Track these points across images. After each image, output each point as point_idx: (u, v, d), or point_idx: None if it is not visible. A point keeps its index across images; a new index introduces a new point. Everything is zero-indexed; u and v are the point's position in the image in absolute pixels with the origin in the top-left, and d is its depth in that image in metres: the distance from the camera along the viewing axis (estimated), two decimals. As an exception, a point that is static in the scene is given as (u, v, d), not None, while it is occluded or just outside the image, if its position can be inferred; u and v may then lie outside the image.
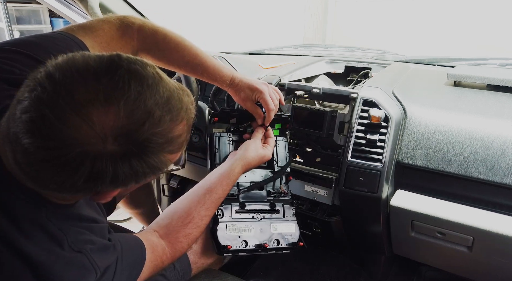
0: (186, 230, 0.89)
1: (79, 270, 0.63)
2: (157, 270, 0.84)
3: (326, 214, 1.26)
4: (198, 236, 0.92)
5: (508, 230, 0.95)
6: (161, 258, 0.84)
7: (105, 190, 0.57)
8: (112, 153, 0.51)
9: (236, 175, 1.00)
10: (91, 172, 0.51)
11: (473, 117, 1.06)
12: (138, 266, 0.78)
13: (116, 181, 0.54)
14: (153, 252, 0.82)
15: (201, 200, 0.93)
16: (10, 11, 4.26)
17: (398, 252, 1.29)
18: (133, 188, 0.66)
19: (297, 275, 1.60)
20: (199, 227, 0.91)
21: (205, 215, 0.92)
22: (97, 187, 0.54)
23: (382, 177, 1.08)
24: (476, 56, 1.61)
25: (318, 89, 1.25)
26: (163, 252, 0.85)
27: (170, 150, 0.57)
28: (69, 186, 0.53)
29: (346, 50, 2.02)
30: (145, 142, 0.53)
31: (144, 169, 0.55)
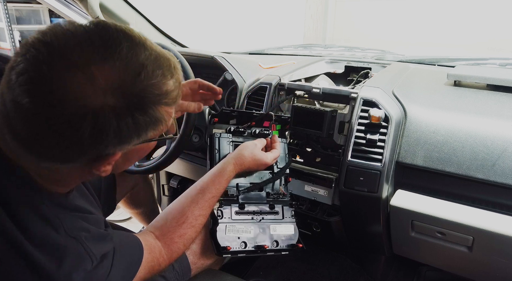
0: (180, 230, 0.88)
1: (75, 258, 0.62)
2: (154, 272, 0.84)
3: (326, 214, 1.26)
4: (194, 237, 0.92)
5: (508, 230, 0.95)
6: (158, 260, 0.84)
7: (108, 151, 0.57)
8: (113, 106, 0.53)
9: (228, 174, 0.99)
10: (94, 128, 0.52)
11: (473, 117, 1.06)
12: (135, 264, 0.77)
13: (120, 136, 0.55)
14: (150, 253, 0.82)
15: (194, 200, 0.93)
16: (10, 11, 4.26)
17: (398, 252, 1.29)
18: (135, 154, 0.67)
19: (297, 275, 1.60)
20: (194, 227, 0.91)
21: (200, 215, 0.92)
22: (101, 144, 0.55)
23: (382, 177, 1.08)
24: (476, 56, 1.61)
25: (318, 89, 1.25)
26: (159, 254, 0.84)
27: (166, 102, 0.59)
28: (74, 147, 0.53)
29: (346, 50, 2.02)
30: (142, 93, 0.55)
31: (145, 120, 0.57)
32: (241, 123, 1.15)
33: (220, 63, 1.48)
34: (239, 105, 1.42)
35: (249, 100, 1.38)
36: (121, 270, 0.72)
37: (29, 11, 4.54)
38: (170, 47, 1.34)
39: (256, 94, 1.36)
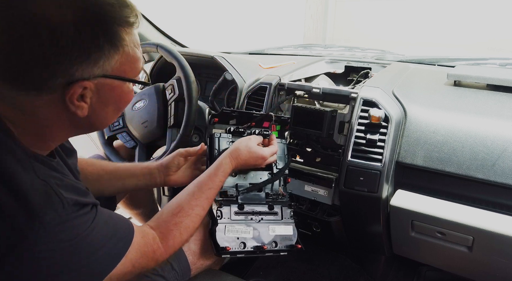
0: (175, 219, 0.87)
1: (43, 197, 0.60)
2: (149, 261, 0.80)
3: (326, 214, 1.26)
4: (191, 226, 0.89)
5: (508, 230, 0.95)
6: (152, 246, 0.81)
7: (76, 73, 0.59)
8: (72, 20, 0.57)
9: (224, 167, 0.98)
10: (53, 39, 0.56)
11: (473, 117, 1.06)
12: (123, 239, 0.73)
13: (82, 51, 0.58)
14: (143, 237, 0.79)
15: (190, 192, 0.93)
16: (10, 11, 4.25)
17: (398, 252, 1.29)
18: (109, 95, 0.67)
19: (297, 275, 1.60)
20: (190, 216, 0.89)
21: (196, 205, 0.91)
22: (65, 59, 0.57)
23: (382, 177, 1.08)
24: (476, 56, 1.61)
25: (318, 89, 1.25)
26: (153, 241, 0.82)
27: (125, 21, 0.63)
28: (40, 62, 0.56)
29: (346, 50, 2.02)
30: (101, 10, 0.60)
31: (104, 36, 0.60)
32: (241, 123, 1.15)
33: (220, 63, 1.48)
34: (239, 105, 1.42)
35: (249, 100, 1.38)
36: (105, 236, 0.68)
37: (29, 11, 4.54)
38: (170, 47, 1.34)
39: (256, 94, 1.36)
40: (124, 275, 0.74)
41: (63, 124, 0.66)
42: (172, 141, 1.29)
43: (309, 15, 5.43)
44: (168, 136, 1.33)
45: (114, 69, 0.64)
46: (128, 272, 0.75)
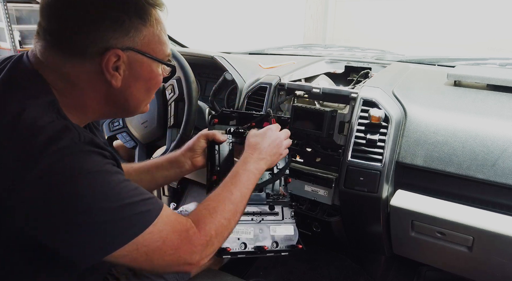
0: (208, 209, 0.81)
1: (61, 127, 0.63)
2: (183, 241, 0.72)
3: (326, 214, 1.26)
4: (226, 213, 0.82)
5: (508, 230, 0.95)
6: (185, 225, 0.74)
7: (110, 41, 0.68)
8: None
9: (248, 159, 0.95)
10: (95, 13, 0.66)
11: (473, 117, 1.06)
12: (152, 204, 0.69)
13: (115, 22, 0.67)
14: (174, 214, 0.75)
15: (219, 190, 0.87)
16: (10, 11, 4.26)
17: (398, 252, 1.29)
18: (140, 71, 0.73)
19: (297, 275, 1.61)
20: (223, 208, 0.83)
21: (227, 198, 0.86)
22: (102, 24, 0.66)
23: (382, 177, 1.08)
24: (476, 56, 1.61)
25: (318, 89, 1.25)
26: (187, 221, 0.76)
27: (149, 2, 0.71)
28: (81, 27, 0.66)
29: (346, 50, 2.02)
30: None
31: (135, 9, 0.69)
32: (241, 124, 1.15)
33: (220, 63, 1.48)
34: (239, 105, 1.42)
35: (249, 100, 1.38)
36: (127, 189, 0.66)
37: (29, 11, 4.54)
38: (170, 47, 1.34)
39: (256, 94, 1.36)
40: (154, 251, 0.68)
41: (100, 95, 0.73)
42: (172, 141, 1.29)
43: (309, 15, 5.43)
44: (168, 136, 1.33)
45: (143, 44, 0.72)
46: (158, 248, 0.68)
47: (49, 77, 0.69)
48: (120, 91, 0.73)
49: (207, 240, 0.76)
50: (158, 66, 0.77)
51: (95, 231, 0.62)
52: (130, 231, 0.65)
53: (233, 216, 0.84)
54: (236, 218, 0.85)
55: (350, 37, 5.30)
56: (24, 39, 4.52)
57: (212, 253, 0.79)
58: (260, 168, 0.95)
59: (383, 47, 1.97)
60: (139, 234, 0.65)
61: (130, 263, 0.68)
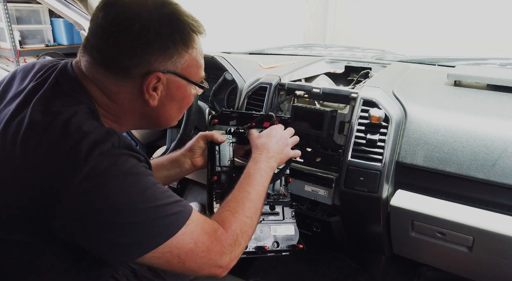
0: (230, 210, 0.83)
1: (105, 132, 0.67)
2: (213, 242, 0.73)
3: (326, 214, 1.26)
4: (247, 211, 0.84)
5: (508, 230, 0.95)
6: (213, 226, 0.76)
7: (153, 64, 0.72)
8: (156, 16, 0.71)
9: (258, 159, 0.96)
10: (144, 37, 0.70)
11: (474, 117, 1.06)
12: (183, 207, 0.71)
13: (160, 43, 0.71)
14: (202, 216, 0.76)
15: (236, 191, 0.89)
16: (10, 11, 4.26)
17: (398, 252, 1.29)
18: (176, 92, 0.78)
19: (297, 275, 1.61)
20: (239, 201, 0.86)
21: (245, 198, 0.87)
22: (147, 48, 0.70)
23: (382, 177, 1.08)
24: (476, 56, 1.61)
25: (318, 89, 1.25)
26: (213, 223, 0.77)
27: (193, 29, 0.76)
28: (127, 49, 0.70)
29: (346, 50, 2.02)
30: (176, 14, 0.74)
31: (179, 33, 0.73)
32: (241, 124, 1.14)
33: (220, 63, 1.48)
34: (239, 105, 1.42)
35: (249, 100, 1.38)
36: (161, 192, 0.68)
37: (29, 11, 4.54)
38: None
39: (256, 94, 1.36)
40: (186, 254, 0.69)
41: (136, 112, 0.78)
42: (172, 141, 1.29)
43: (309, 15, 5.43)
44: (168, 136, 1.33)
45: (182, 68, 0.77)
46: (190, 250, 0.70)
47: (92, 89, 0.73)
48: (155, 109, 0.78)
49: (234, 240, 0.78)
50: (192, 87, 0.82)
51: (131, 231, 0.64)
52: (164, 232, 0.67)
53: (254, 214, 0.86)
54: (257, 216, 0.87)
55: (350, 37, 5.30)
56: (24, 39, 4.52)
57: (240, 254, 0.80)
58: (271, 167, 0.97)
59: (383, 47, 1.97)
60: (173, 235, 0.67)
61: (163, 266, 0.69)
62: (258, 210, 0.88)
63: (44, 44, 4.72)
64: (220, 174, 1.06)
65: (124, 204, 0.63)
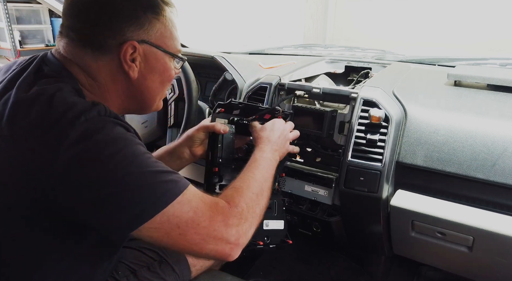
0: (235, 188, 0.81)
1: (90, 103, 0.67)
2: (214, 211, 0.70)
3: (326, 214, 1.26)
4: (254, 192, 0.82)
5: (508, 230, 0.95)
6: (214, 199, 0.73)
7: (127, 33, 0.73)
8: None
9: (263, 149, 0.96)
10: (113, 9, 0.72)
11: (474, 117, 1.06)
12: (179, 179, 0.69)
13: (131, 14, 0.73)
14: (202, 192, 0.74)
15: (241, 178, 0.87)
16: (10, 11, 4.26)
17: (398, 252, 1.29)
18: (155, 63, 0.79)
19: (297, 275, 1.61)
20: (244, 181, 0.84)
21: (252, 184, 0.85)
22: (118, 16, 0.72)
23: (382, 177, 1.08)
24: (476, 56, 1.61)
25: (318, 89, 1.25)
26: (215, 197, 0.75)
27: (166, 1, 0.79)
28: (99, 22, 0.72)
29: (346, 50, 2.02)
30: None
31: (147, 3, 0.75)
32: (245, 115, 1.13)
33: (220, 63, 1.48)
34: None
35: (249, 100, 1.38)
36: (154, 162, 0.67)
37: (29, 11, 4.54)
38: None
39: (256, 94, 1.36)
40: (186, 223, 0.66)
41: (119, 88, 0.78)
42: (172, 141, 1.29)
43: (309, 15, 5.43)
44: (168, 136, 1.33)
45: (156, 38, 0.77)
46: (190, 218, 0.66)
47: (75, 71, 0.74)
48: (137, 83, 0.78)
49: (240, 212, 0.74)
50: (170, 60, 0.82)
51: (124, 196, 0.62)
52: (160, 199, 0.65)
53: (260, 193, 0.83)
54: (264, 196, 0.84)
55: (350, 37, 5.30)
56: (24, 39, 4.52)
57: (249, 230, 0.76)
58: (275, 159, 0.97)
59: (383, 47, 1.97)
60: (169, 202, 0.65)
61: (164, 240, 0.66)
62: (264, 191, 0.85)
63: (44, 44, 4.72)
64: (220, 165, 1.05)
65: (115, 168, 0.62)
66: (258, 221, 0.80)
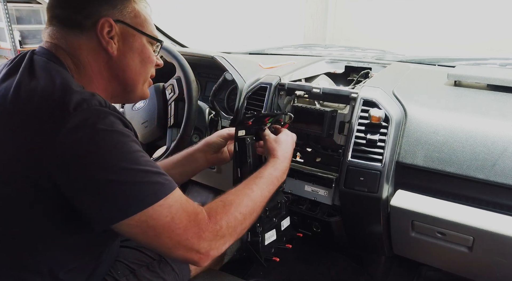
0: (223, 202, 0.80)
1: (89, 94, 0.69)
2: (191, 223, 0.71)
3: (326, 214, 1.26)
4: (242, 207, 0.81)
5: (508, 230, 0.95)
6: (196, 210, 0.73)
7: (102, 11, 0.77)
8: None
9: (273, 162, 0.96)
10: None
11: (474, 117, 1.06)
12: (165, 181, 0.70)
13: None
14: (187, 199, 0.74)
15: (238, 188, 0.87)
16: (10, 11, 4.26)
17: (398, 252, 1.29)
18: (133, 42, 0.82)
19: (297, 275, 1.61)
20: (238, 196, 0.83)
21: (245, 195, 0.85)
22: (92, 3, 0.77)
23: (382, 177, 1.08)
24: (476, 56, 1.61)
25: (318, 89, 1.25)
26: (198, 207, 0.75)
27: None
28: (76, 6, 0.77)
29: (346, 50, 2.02)
30: None
31: None
32: (258, 124, 1.08)
33: (220, 63, 1.48)
34: (239, 105, 1.42)
35: (249, 100, 1.38)
36: (145, 160, 0.68)
37: (29, 11, 4.55)
38: (170, 47, 1.34)
39: (256, 94, 1.36)
40: (162, 227, 0.68)
41: (101, 67, 0.80)
42: (172, 141, 1.29)
43: (309, 15, 5.43)
44: (168, 136, 1.33)
45: (131, 19, 0.82)
46: (166, 223, 0.68)
47: (61, 56, 0.76)
48: (117, 60, 0.81)
49: (217, 230, 0.74)
50: (148, 42, 0.86)
51: (112, 188, 0.65)
52: (143, 199, 0.66)
53: (250, 214, 0.82)
54: (253, 216, 0.84)
55: (350, 37, 5.30)
56: (24, 39, 4.53)
57: (223, 246, 0.76)
58: (282, 178, 0.96)
59: (383, 47, 1.97)
60: (151, 204, 0.67)
61: (140, 237, 0.68)
62: (255, 211, 0.84)
63: (44, 44, 4.72)
64: None
65: (110, 159, 0.64)
66: (236, 237, 0.80)
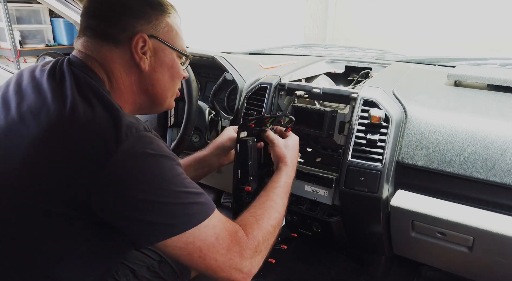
0: (254, 216, 0.83)
1: (133, 118, 0.70)
2: (233, 242, 0.73)
3: (326, 214, 1.26)
4: (272, 219, 0.84)
5: (508, 230, 0.95)
6: (234, 227, 0.75)
7: (136, 27, 0.79)
8: None
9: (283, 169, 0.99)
10: (124, 5, 0.79)
11: (474, 117, 1.06)
12: (207, 202, 0.72)
13: (139, 10, 0.79)
14: (226, 218, 0.76)
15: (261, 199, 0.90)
16: (10, 11, 4.26)
17: (398, 252, 1.29)
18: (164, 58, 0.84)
19: (297, 275, 1.60)
20: (268, 213, 0.85)
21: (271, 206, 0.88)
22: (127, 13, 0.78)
23: (382, 177, 1.08)
24: (476, 56, 1.61)
25: (318, 89, 1.25)
26: (236, 225, 0.77)
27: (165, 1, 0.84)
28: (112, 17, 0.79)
29: (347, 50, 2.02)
30: None
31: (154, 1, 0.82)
32: (260, 125, 1.08)
33: (220, 63, 1.48)
34: (239, 105, 1.42)
35: (249, 100, 1.38)
36: (187, 182, 0.71)
37: (29, 11, 4.55)
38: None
39: (256, 94, 1.36)
40: (208, 248, 0.69)
41: (132, 81, 0.82)
42: (172, 140, 1.29)
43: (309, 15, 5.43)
44: (169, 135, 1.33)
45: (164, 34, 0.83)
46: (211, 244, 0.70)
47: (96, 68, 0.78)
48: (148, 75, 0.82)
49: (255, 246, 0.76)
50: (177, 57, 0.87)
51: (160, 210, 0.66)
52: (190, 219, 0.68)
53: (278, 225, 0.87)
54: (280, 226, 0.88)
55: (350, 37, 5.30)
56: (24, 39, 4.53)
57: (261, 262, 0.78)
58: (291, 183, 0.99)
59: (383, 47, 1.97)
60: (197, 224, 0.68)
61: (185, 258, 0.70)
62: (281, 221, 0.89)
63: (44, 44, 4.73)
64: (251, 182, 1.02)
65: (157, 182, 0.66)
66: (268, 251, 0.82)
